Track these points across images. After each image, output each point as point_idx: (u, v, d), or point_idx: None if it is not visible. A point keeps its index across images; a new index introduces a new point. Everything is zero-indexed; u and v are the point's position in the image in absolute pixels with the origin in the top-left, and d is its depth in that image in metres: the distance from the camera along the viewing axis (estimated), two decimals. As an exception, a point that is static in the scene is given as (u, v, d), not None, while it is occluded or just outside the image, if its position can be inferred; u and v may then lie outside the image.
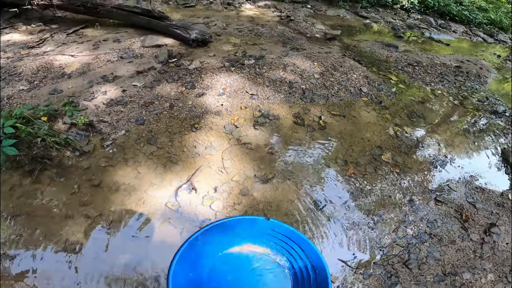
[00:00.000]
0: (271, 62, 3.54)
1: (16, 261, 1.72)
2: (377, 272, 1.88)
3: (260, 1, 6.05)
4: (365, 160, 2.65)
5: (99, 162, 2.28)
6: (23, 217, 1.90)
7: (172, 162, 2.34)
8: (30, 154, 2.23)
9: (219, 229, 1.77)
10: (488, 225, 2.26)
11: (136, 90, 2.93)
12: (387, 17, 6.77)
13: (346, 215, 2.20)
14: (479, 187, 2.62)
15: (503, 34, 7.86)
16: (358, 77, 3.60)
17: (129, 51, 3.55)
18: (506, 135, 3.38)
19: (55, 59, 3.30)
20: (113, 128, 2.53)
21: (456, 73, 4.49)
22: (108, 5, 4.11)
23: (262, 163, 2.45)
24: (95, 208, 2.00)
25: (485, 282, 1.93)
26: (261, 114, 2.86)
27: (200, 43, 3.79)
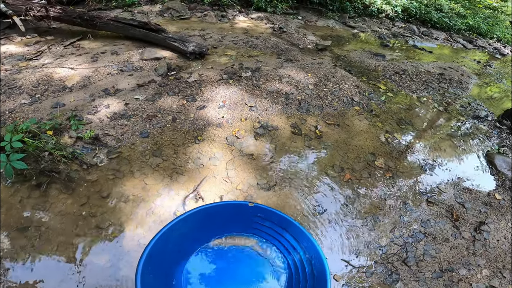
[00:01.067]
0: (267, 74, 3.68)
1: (26, 272, 1.76)
2: (379, 270, 2.03)
3: (252, 13, 6.21)
4: (360, 166, 2.80)
5: (107, 175, 2.35)
6: (32, 229, 1.94)
7: (178, 173, 2.43)
8: (38, 167, 2.28)
9: (198, 218, 1.66)
10: (478, 223, 2.45)
11: (138, 104, 3.01)
12: (374, 26, 7.04)
13: (345, 218, 2.34)
14: (466, 188, 2.82)
15: (482, 40, 8.24)
16: (350, 87, 3.78)
17: (129, 64, 3.63)
18: (489, 138, 3.60)
19: (54, 72, 3.34)
20: (119, 141, 2.60)
21: (440, 80, 4.73)
22: (105, 18, 4.18)
23: (264, 172, 2.56)
24: (104, 219, 2.06)
25: (480, 277, 2.10)
26: (260, 125, 2.99)
27: (197, 55, 3.90)
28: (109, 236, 1.98)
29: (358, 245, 2.17)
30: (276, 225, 1.74)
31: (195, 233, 1.74)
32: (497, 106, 4.54)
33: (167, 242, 1.58)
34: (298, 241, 1.68)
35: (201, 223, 1.72)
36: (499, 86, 5.38)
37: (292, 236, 1.70)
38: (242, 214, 1.74)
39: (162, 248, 1.56)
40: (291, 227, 1.69)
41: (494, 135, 3.68)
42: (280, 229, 1.73)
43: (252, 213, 1.72)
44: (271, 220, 1.74)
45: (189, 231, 1.70)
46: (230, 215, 1.75)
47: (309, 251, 1.63)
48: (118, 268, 1.84)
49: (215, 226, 1.79)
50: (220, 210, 1.73)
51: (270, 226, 1.75)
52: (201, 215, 1.68)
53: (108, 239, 1.97)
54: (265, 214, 1.72)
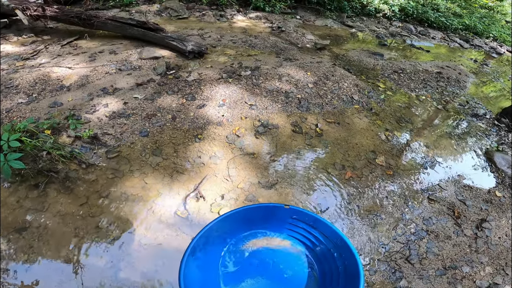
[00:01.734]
0: (267, 72, 3.67)
1: (25, 273, 1.74)
2: (382, 268, 2.02)
3: (251, 13, 6.20)
4: (361, 164, 2.80)
5: (106, 174, 2.32)
6: (33, 230, 1.92)
7: (178, 172, 2.41)
8: (36, 167, 2.26)
9: (235, 219, 1.74)
10: (479, 220, 2.45)
11: (137, 103, 2.98)
12: (371, 26, 7.06)
13: (347, 216, 2.33)
14: (467, 185, 2.82)
15: (478, 39, 8.28)
16: (349, 86, 3.77)
17: (127, 63, 3.61)
18: (488, 136, 3.62)
19: (52, 71, 3.31)
20: (118, 140, 2.58)
21: (438, 79, 4.74)
22: (102, 17, 4.15)
23: (265, 171, 2.55)
24: (104, 219, 2.04)
25: (484, 274, 2.10)
26: (260, 123, 2.97)
27: (196, 54, 3.88)
28: (109, 236, 1.96)
29: (360, 243, 2.16)
30: (311, 227, 1.78)
31: (232, 232, 1.80)
32: (495, 104, 4.56)
33: (208, 238, 1.65)
34: (331, 240, 1.71)
35: (239, 223, 1.78)
36: (496, 85, 5.41)
37: (324, 235, 1.73)
38: (277, 215, 1.79)
39: (204, 243, 1.63)
40: (324, 228, 1.72)
41: (492, 133, 3.69)
42: (314, 230, 1.77)
43: (287, 215, 1.78)
44: (306, 221, 1.79)
45: (227, 230, 1.76)
46: (265, 216, 1.81)
47: (342, 250, 1.65)
48: (119, 269, 1.82)
49: (252, 225, 1.84)
50: (256, 212, 1.79)
51: (303, 227, 1.79)
52: (240, 216, 1.75)
53: (108, 240, 1.94)
54: (299, 216, 1.77)
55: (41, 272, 1.76)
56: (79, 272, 1.78)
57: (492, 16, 10.05)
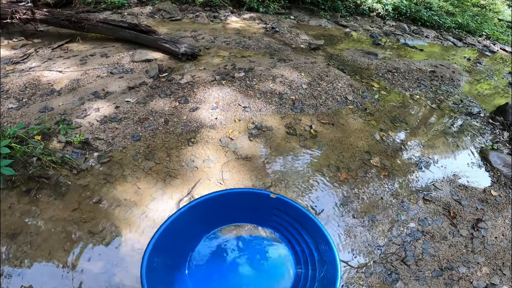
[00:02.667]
0: (260, 74, 3.64)
1: (17, 279, 1.72)
2: (378, 270, 2.00)
3: (245, 14, 6.17)
4: (356, 165, 2.78)
5: (98, 179, 2.29)
6: (24, 235, 1.89)
7: (171, 177, 2.39)
8: (27, 173, 2.23)
9: (209, 205, 1.59)
10: (475, 220, 2.44)
11: (129, 106, 2.95)
12: (365, 25, 7.06)
13: (342, 218, 2.31)
14: (462, 185, 2.81)
15: (471, 37, 8.32)
16: (343, 86, 3.76)
17: (119, 66, 3.57)
18: (482, 134, 3.62)
19: (42, 75, 3.27)
20: (109, 145, 2.54)
21: (432, 78, 4.75)
22: (93, 20, 4.10)
23: (260, 173, 2.53)
24: (97, 224, 2.02)
25: (480, 275, 2.09)
26: (254, 126, 2.95)
27: (189, 56, 3.85)
28: (102, 241, 1.94)
29: (356, 245, 2.14)
30: (296, 221, 1.66)
31: (206, 219, 1.68)
32: (489, 102, 4.57)
33: (176, 228, 1.52)
34: (317, 241, 1.59)
35: (213, 209, 1.66)
36: (490, 83, 5.43)
37: (310, 236, 1.62)
38: (261, 204, 1.65)
39: (172, 232, 1.51)
40: (311, 226, 1.58)
41: (487, 131, 3.69)
42: (299, 226, 1.65)
43: (272, 205, 1.64)
44: (291, 215, 1.65)
45: (200, 217, 1.63)
46: (247, 203, 1.67)
47: (325, 254, 1.56)
48: (113, 274, 1.80)
49: (228, 213, 1.72)
50: (239, 197, 1.66)
51: (289, 221, 1.67)
52: (218, 201, 1.62)
53: (101, 245, 1.92)
54: (286, 208, 1.62)
55: (34, 277, 1.74)
56: (72, 277, 1.76)
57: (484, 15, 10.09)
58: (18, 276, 1.73)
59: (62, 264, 1.80)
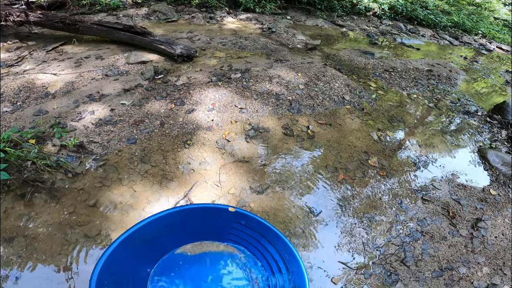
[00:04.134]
0: (257, 74, 3.62)
1: (13, 283, 1.70)
2: (377, 271, 1.98)
3: (241, 14, 6.15)
4: (354, 165, 2.76)
5: (93, 183, 2.26)
6: (20, 239, 1.87)
7: (167, 179, 2.36)
8: (21, 177, 2.20)
9: (167, 222, 1.53)
10: (475, 220, 2.42)
11: (124, 109, 2.92)
12: (362, 25, 7.05)
13: (341, 219, 2.29)
14: (461, 184, 2.80)
15: (467, 36, 8.33)
16: (340, 86, 3.75)
17: (114, 68, 3.54)
18: (480, 133, 3.61)
19: (36, 78, 3.23)
20: (105, 148, 2.52)
21: (429, 77, 4.74)
22: (88, 21, 4.07)
23: (256, 175, 2.50)
24: (93, 227, 1.99)
25: (481, 275, 2.07)
26: (251, 127, 2.93)
27: (185, 58, 3.83)
28: (98, 245, 1.91)
29: (355, 246, 2.12)
30: (259, 234, 1.60)
31: (164, 239, 1.60)
32: (486, 101, 4.57)
33: (127, 249, 1.43)
34: (280, 252, 1.55)
35: (172, 228, 1.59)
36: (487, 81, 5.43)
37: (274, 247, 1.56)
38: (220, 219, 1.59)
39: (122, 255, 1.41)
40: (274, 237, 1.54)
41: (485, 130, 3.68)
42: (262, 239, 1.59)
43: (232, 219, 1.59)
44: (253, 228, 1.59)
45: (157, 236, 1.56)
46: (206, 219, 1.60)
47: (291, 264, 1.51)
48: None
49: (188, 230, 1.65)
50: (195, 214, 1.60)
51: (251, 235, 1.61)
52: (172, 219, 1.55)
53: (97, 248, 1.90)
54: (246, 221, 1.58)
55: (30, 281, 1.72)
56: (69, 282, 1.74)
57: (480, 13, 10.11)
58: (14, 280, 1.71)
59: (58, 268, 1.78)
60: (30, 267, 1.77)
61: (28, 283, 1.71)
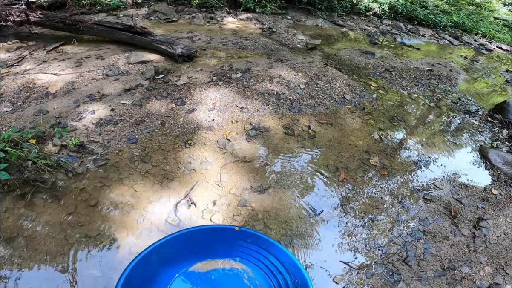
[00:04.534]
0: (258, 74, 3.62)
1: (14, 283, 1.70)
2: (379, 271, 1.97)
3: (241, 14, 6.15)
4: (355, 165, 2.76)
5: (94, 183, 2.26)
6: (20, 239, 1.87)
7: (168, 179, 2.35)
8: (22, 177, 2.20)
9: (180, 242, 1.63)
10: (477, 219, 2.42)
11: (125, 109, 2.91)
12: (362, 25, 7.05)
13: (342, 218, 2.28)
14: (462, 183, 2.79)
15: (467, 36, 8.33)
16: (341, 85, 3.74)
17: (114, 68, 3.53)
18: (481, 133, 3.61)
19: (37, 78, 3.23)
20: (105, 148, 2.51)
21: (429, 77, 4.74)
22: (88, 21, 4.06)
23: (258, 175, 2.50)
24: (94, 228, 1.99)
25: (483, 275, 2.06)
26: (252, 127, 2.92)
27: (186, 58, 3.82)
28: (99, 245, 1.91)
29: (356, 246, 2.12)
30: (262, 249, 1.69)
31: (177, 257, 1.69)
32: (487, 100, 4.56)
33: (146, 266, 1.53)
34: (285, 266, 1.65)
35: (183, 247, 1.68)
36: (487, 81, 5.43)
37: (278, 261, 1.66)
38: (227, 238, 1.70)
39: (141, 272, 1.49)
40: (278, 252, 1.64)
41: (486, 130, 3.68)
42: (266, 253, 1.69)
43: (238, 237, 1.68)
44: (258, 244, 1.69)
45: (170, 255, 1.65)
46: (214, 238, 1.71)
47: (296, 276, 1.60)
48: (110, 278, 1.77)
49: (197, 249, 1.74)
50: (204, 234, 1.69)
51: (256, 250, 1.71)
52: (184, 239, 1.64)
53: (98, 248, 1.89)
54: (252, 239, 1.68)
55: (30, 281, 1.72)
56: (70, 281, 1.73)
57: (479, 13, 10.11)
58: (15, 281, 1.71)
59: (59, 268, 1.78)
60: (31, 267, 1.76)
61: (28, 283, 1.70)
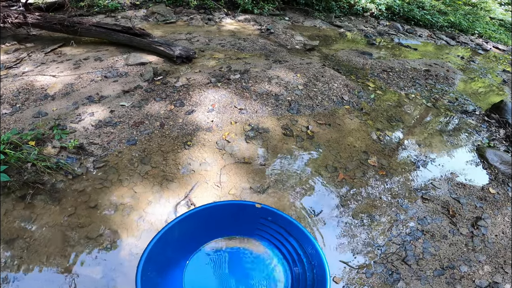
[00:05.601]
0: (256, 75, 3.63)
1: (14, 285, 1.70)
2: (379, 271, 1.99)
3: (239, 16, 6.16)
4: (353, 165, 2.77)
5: (94, 184, 2.26)
6: (20, 241, 1.87)
7: (168, 180, 2.36)
8: (21, 179, 2.20)
9: (199, 218, 1.65)
10: (475, 218, 2.44)
11: (124, 110, 2.92)
12: (359, 25, 7.08)
13: (341, 218, 2.30)
14: (460, 183, 2.81)
15: (464, 36, 8.37)
16: (339, 86, 3.76)
17: (113, 70, 3.54)
18: (478, 132, 3.63)
19: (35, 80, 3.23)
20: (105, 149, 2.51)
21: (426, 77, 4.77)
22: (86, 23, 4.06)
23: (257, 175, 2.51)
24: (94, 229, 1.99)
25: (482, 274, 2.08)
26: (251, 128, 2.93)
27: (184, 59, 3.83)
28: (99, 246, 1.91)
29: (356, 246, 2.13)
30: (282, 228, 1.70)
31: (197, 232, 1.72)
32: (484, 100, 4.59)
33: (167, 241, 1.57)
34: (303, 246, 1.66)
35: (203, 223, 1.70)
36: (484, 81, 5.46)
37: (297, 241, 1.67)
38: (247, 215, 1.70)
39: (162, 247, 1.54)
40: (297, 232, 1.65)
41: (483, 129, 3.70)
42: (286, 233, 1.70)
43: (258, 215, 1.69)
44: (277, 223, 1.70)
45: (191, 230, 1.67)
46: (234, 215, 1.71)
47: (313, 258, 1.62)
48: (111, 278, 1.78)
49: (217, 226, 1.76)
50: (224, 209, 1.70)
51: (275, 229, 1.71)
52: (203, 214, 1.66)
53: (98, 250, 1.90)
54: (272, 217, 1.68)
55: (31, 283, 1.72)
56: (70, 283, 1.73)
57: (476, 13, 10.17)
58: (15, 282, 1.71)
59: (59, 270, 1.78)
60: (31, 269, 1.76)
61: (29, 285, 1.70)
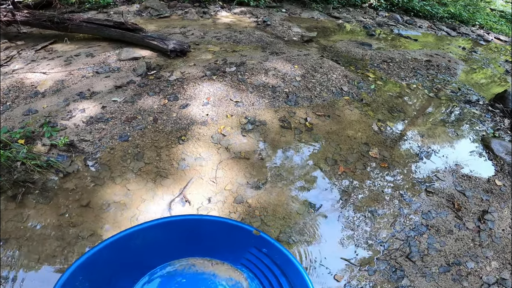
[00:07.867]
0: (252, 68, 3.53)
1: (8, 285, 1.66)
2: (382, 268, 1.90)
3: (235, 8, 6.04)
4: (354, 157, 2.68)
5: (86, 182, 2.19)
6: (12, 241, 1.82)
7: (162, 177, 2.28)
8: (11, 178, 2.13)
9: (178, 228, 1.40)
10: (481, 212, 2.34)
11: (116, 106, 2.83)
12: (358, 16, 6.95)
13: (342, 213, 2.21)
14: (465, 175, 2.71)
15: (464, 27, 8.23)
16: (338, 77, 3.66)
17: (105, 66, 3.44)
18: (483, 122, 3.53)
19: (26, 78, 3.14)
20: (96, 146, 2.43)
21: (428, 67, 4.66)
22: (77, 19, 3.96)
23: (254, 170, 2.42)
24: (86, 228, 1.93)
25: (490, 270, 1.99)
26: (247, 121, 2.84)
27: (178, 53, 3.73)
28: (92, 246, 1.84)
29: (357, 242, 2.05)
30: (275, 265, 1.42)
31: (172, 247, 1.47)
32: (487, 90, 4.49)
33: (119, 251, 1.32)
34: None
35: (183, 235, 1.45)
36: (487, 71, 5.35)
37: (290, 286, 1.37)
38: (238, 239, 1.42)
39: (109, 257, 1.29)
40: (294, 276, 1.35)
41: (487, 119, 3.60)
42: (279, 271, 1.40)
43: (251, 242, 1.40)
44: (272, 257, 1.42)
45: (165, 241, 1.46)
46: (224, 235, 1.45)
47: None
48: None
49: (198, 243, 1.49)
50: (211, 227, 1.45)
51: (266, 263, 1.43)
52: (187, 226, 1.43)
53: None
54: (268, 249, 1.38)
55: (23, 283, 1.68)
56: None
57: (476, 4, 10.01)
58: (8, 282, 1.66)
59: (52, 270, 1.74)
60: (24, 269, 1.72)
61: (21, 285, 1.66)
